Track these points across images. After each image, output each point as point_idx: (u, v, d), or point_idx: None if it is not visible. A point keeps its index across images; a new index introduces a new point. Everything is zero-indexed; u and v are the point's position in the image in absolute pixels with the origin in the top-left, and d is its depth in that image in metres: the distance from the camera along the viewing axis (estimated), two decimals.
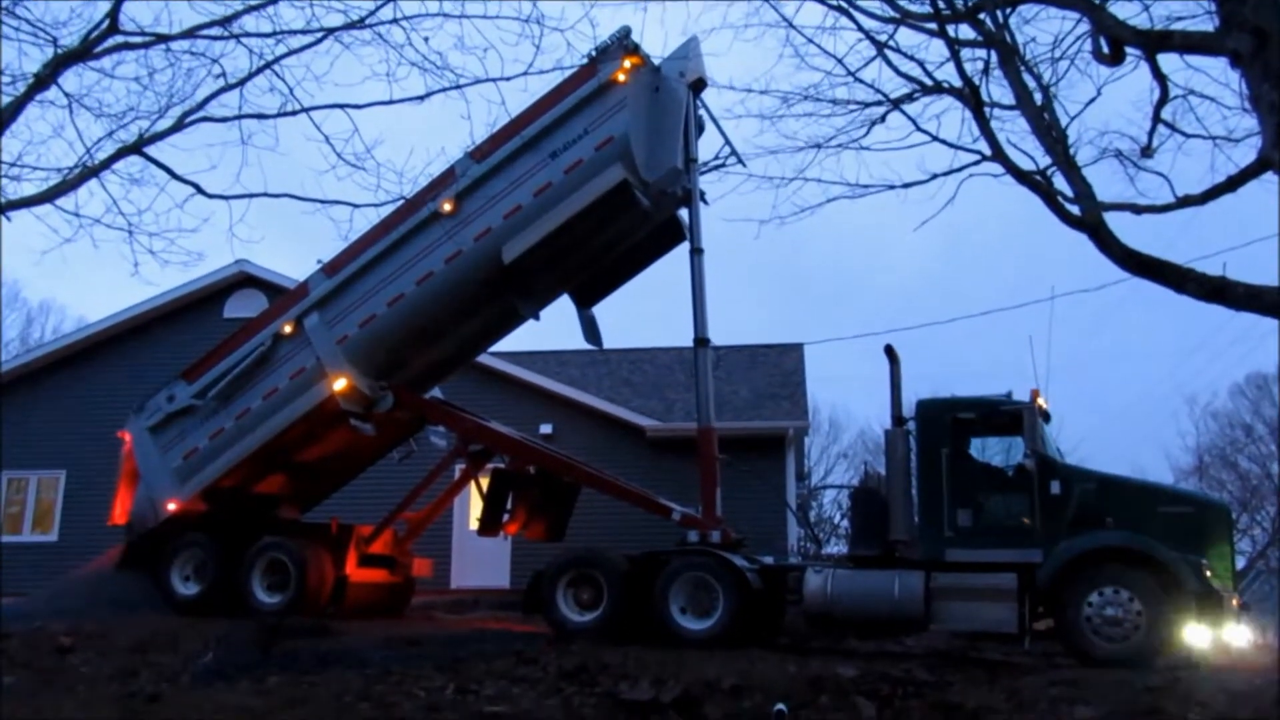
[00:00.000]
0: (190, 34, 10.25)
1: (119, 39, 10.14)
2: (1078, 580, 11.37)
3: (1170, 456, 57.32)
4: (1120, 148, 11.26)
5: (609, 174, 13.35)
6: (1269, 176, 8.91)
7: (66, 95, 10.52)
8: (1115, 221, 9.68)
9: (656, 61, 13.98)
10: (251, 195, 10.65)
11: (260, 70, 10.42)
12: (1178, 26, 10.02)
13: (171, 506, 14.84)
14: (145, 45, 10.39)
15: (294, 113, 10.44)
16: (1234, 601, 11.53)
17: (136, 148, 10.41)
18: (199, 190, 10.61)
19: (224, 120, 10.53)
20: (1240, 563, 34.10)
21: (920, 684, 10.03)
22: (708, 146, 14.86)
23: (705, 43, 14.13)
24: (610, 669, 10.42)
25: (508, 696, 10.01)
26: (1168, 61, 10.34)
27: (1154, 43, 9.53)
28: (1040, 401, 12.47)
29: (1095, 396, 62.68)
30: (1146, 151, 10.96)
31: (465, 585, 20.87)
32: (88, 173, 10.29)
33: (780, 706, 9.24)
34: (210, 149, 10.76)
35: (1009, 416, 12.35)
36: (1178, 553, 11.18)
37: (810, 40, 11.35)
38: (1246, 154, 10.12)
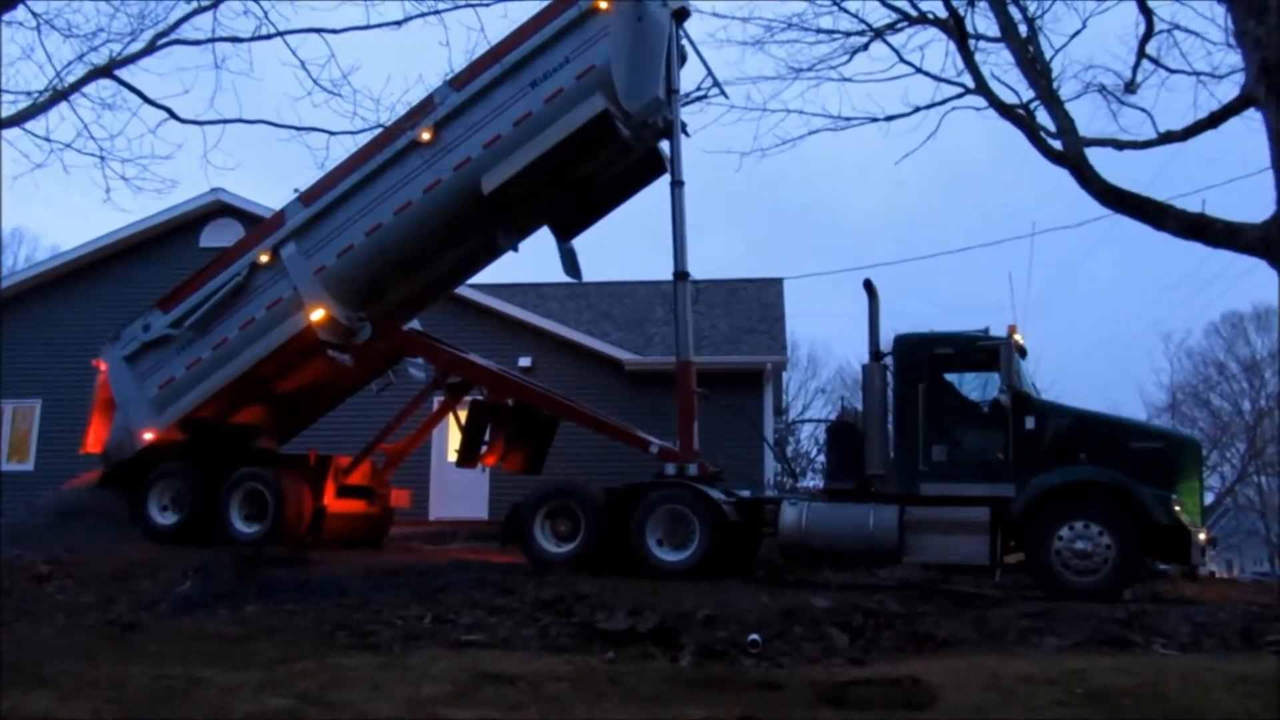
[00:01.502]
0: None
1: None
2: (1049, 514, 11.51)
3: (1144, 393, 58.02)
4: (1104, 83, 11.24)
5: (590, 103, 13.19)
6: (1251, 113, 8.90)
7: (35, 15, 10.29)
8: (1097, 157, 9.69)
9: None
10: (226, 121, 10.48)
11: None
12: None
13: (148, 436, 14.81)
14: None
15: (268, 36, 10.23)
16: (1202, 536, 11.70)
17: (108, 70, 10.21)
18: (172, 115, 10.43)
19: (197, 43, 10.33)
20: (1209, 498, 34.61)
21: (892, 615, 10.18)
22: (689, 77, 14.69)
23: None
24: (587, 599, 10.51)
25: (485, 626, 10.09)
26: None
27: None
28: (1017, 337, 12.52)
29: (1072, 333, 63.13)
30: (1130, 87, 10.94)
31: (443, 516, 20.97)
32: (57, 96, 10.09)
33: (754, 636, 9.36)
34: (183, 73, 10.58)
35: (985, 352, 12.41)
36: (1148, 488, 11.31)
37: None
38: (1230, 90, 10.12)
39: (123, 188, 10.97)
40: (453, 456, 15.72)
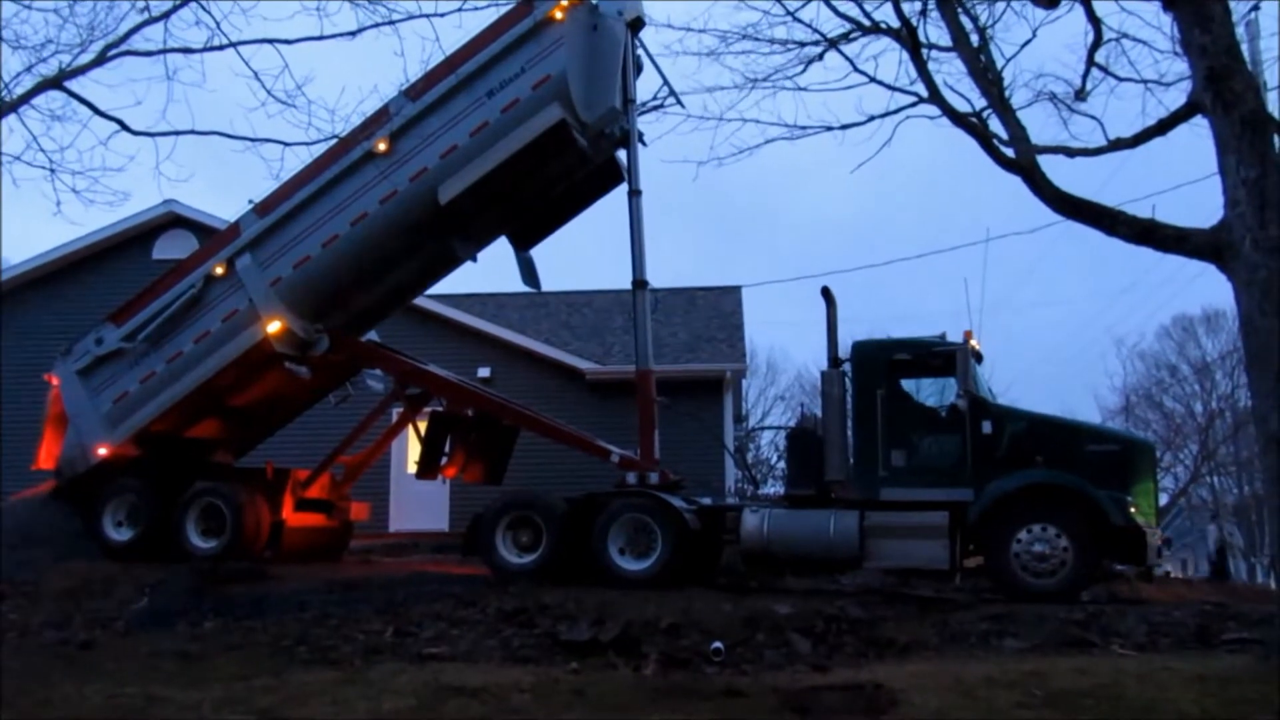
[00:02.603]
0: None
1: None
2: (1007, 518, 11.61)
3: (1098, 396, 58.77)
4: (1055, 91, 11.37)
5: (546, 113, 13.18)
6: (1199, 120, 9.04)
7: None
8: (1049, 164, 9.79)
9: (594, 0, 13.78)
10: (178, 133, 10.42)
11: (185, 2, 10.13)
12: None
13: (102, 451, 14.60)
14: None
15: (221, 47, 10.19)
16: (1157, 537, 11.86)
17: (57, 82, 10.10)
18: (123, 127, 10.33)
19: (148, 54, 10.25)
20: (1163, 499, 35.07)
21: (854, 620, 10.24)
22: (646, 87, 14.73)
23: None
24: (549, 610, 10.49)
25: (447, 639, 10.04)
26: (1102, 4, 10.42)
27: None
28: (973, 343, 12.64)
29: (1027, 338, 63.82)
30: (1080, 94, 11.07)
31: (403, 528, 20.86)
32: (6, 107, 9.97)
33: (717, 644, 9.37)
34: (135, 84, 10.50)
35: (943, 358, 12.51)
36: (1104, 490, 11.44)
37: None
38: (1177, 98, 10.27)
39: (73, 200, 10.88)
40: (412, 468, 15.62)
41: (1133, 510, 11.45)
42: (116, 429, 14.63)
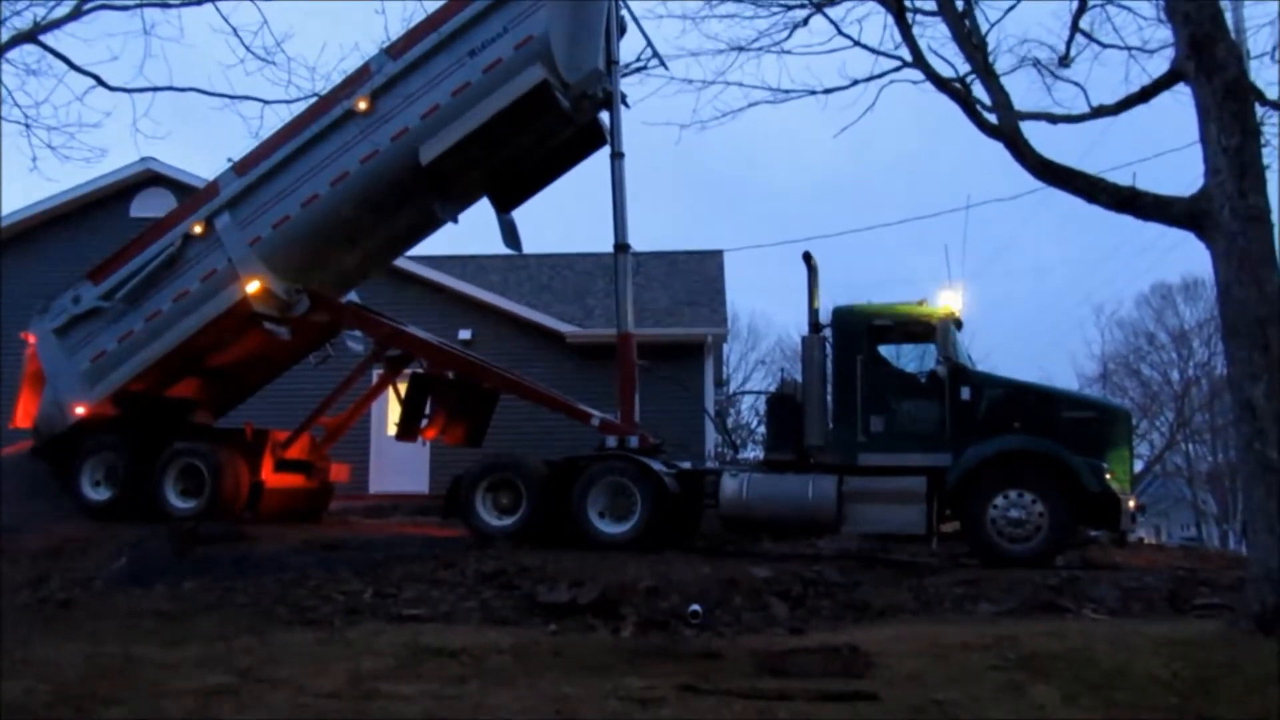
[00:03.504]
0: None
1: None
2: (984, 483, 11.71)
3: (1076, 364, 59.12)
4: (1039, 57, 11.36)
5: (529, 74, 13.07)
6: (1181, 88, 9.05)
7: None
8: (1031, 131, 9.79)
9: None
10: (156, 89, 10.34)
11: None
12: None
13: (80, 410, 14.51)
14: None
15: (199, 2, 10.09)
16: (1132, 503, 11.98)
17: (31, 35, 9.98)
18: (100, 82, 10.23)
19: (125, 8, 10.14)
20: (1138, 465, 35.39)
21: (831, 584, 10.32)
22: (629, 49, 14.64)
23: None
24: (529, 572, 10.53)
25: (426, 600, 10.07)
26: None
27: None
28: (953, 309, 12.68)
29: (1007, 304, 64.05)
30: (1064, 61, 11.06)
31: (383, 490, 20.86)
32: None
33: (695, 607, 9.44)
34: (111, 39, 10.39)
35: (922, 324, 12.56)
36: (1080, 456, 11.54)
37: None
38: (1161, 65, 10.28)
39: (50, 156, 10.79)
40: (392, 430, 15.60)
41: (1108, 477, 11.57)
42: (94, 388, 14.54)
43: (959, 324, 12.98)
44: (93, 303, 14.47)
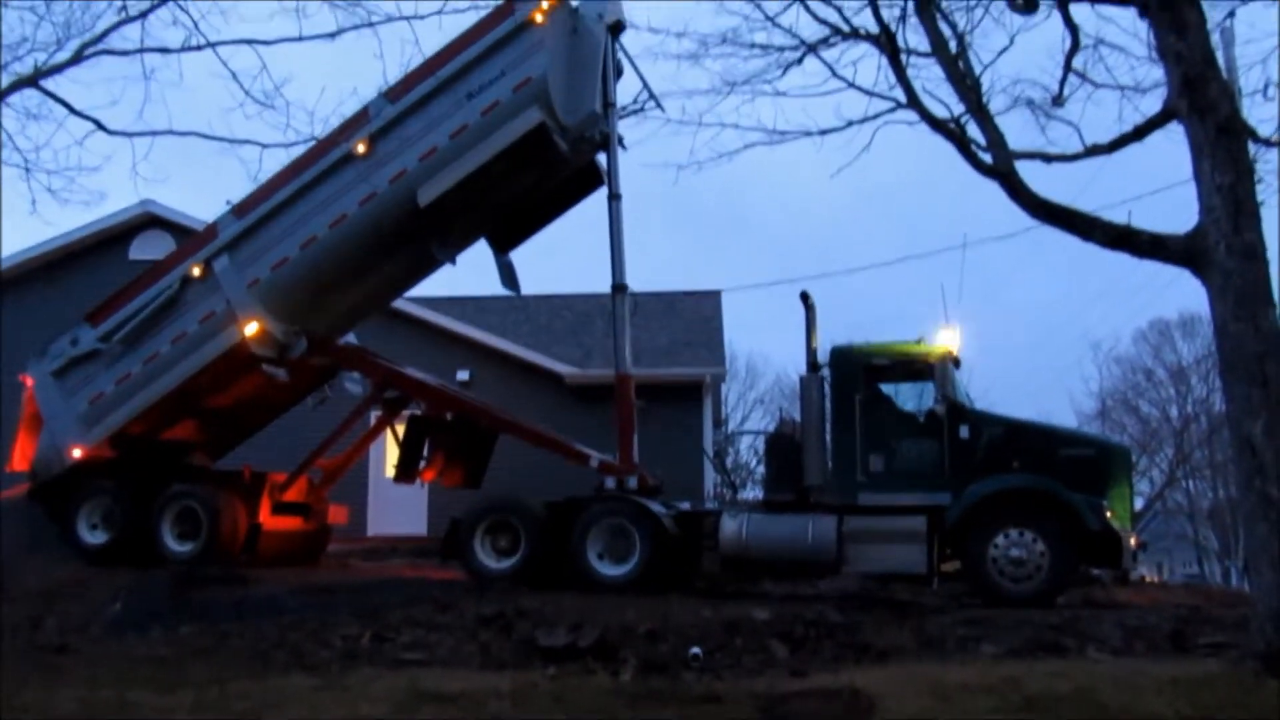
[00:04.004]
0: None
1: None
2: (984, 522, 11.66)
3: (1075, 400, 59.00)
4: (1032, 97, 11.42)
5: (526, 116, 13.16)
6: (1174, 126, 9.10)
7: None
8: (1026, 170, 9.84)
9: (575, 3, 13.78)
10: (155, 133, 10.41)
11: (163, 2, 10.09)
12: None
13: (77, 453, 14.47)
14: None
15: (199, 47, 10.17)
16: (1133, 541, 11.93)
17: (32, 80, 10.06)
18: (100, 126, 10.30)
19: (125, 54, 10.23)
20: (1139, 503, 35.31)
21: (832, 625, 10.25)
22: (626, 90, 14.73)
23: None
24: (528, 615, 10.47)
25: (425, 643, 10.01)
26: (1079, 11, 10.49)
27: None
28: (951, 348, 12.69)
29: (1004, 342, 64.13)
30: (1058, 100, 11.12)
31: (381, 533, 20.75)
32: None
33: (695, 650, 9.38)
34: (111, 84, 10.46)
35: (921, 363, 12.57)
36: (1080, 494, 11.51)
37: None
38: (1153, 104, 10.34)
39: (49, 199, 10.82)
40: (391, 472, 15.55)
41: (1108, 515, 11.53)
42: (92, 430, 14.51)
43: (957, 362, 12.98)
44: (91, 345, 14.48)
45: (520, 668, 9.22)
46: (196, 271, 14.23)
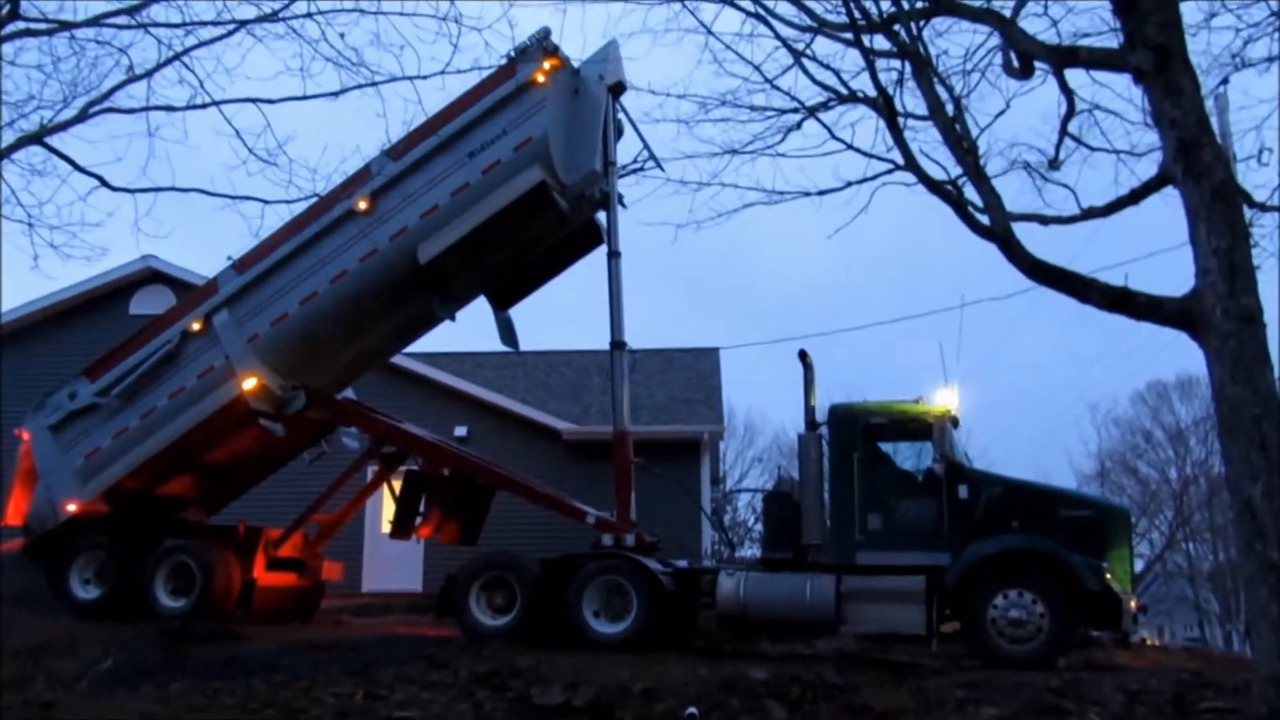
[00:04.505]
0: (96, 22, 10.00)
1: (20, 25, 9.87)
2: (983, 583, 11.60)
3: (1073, 462, 58.94)
4: (1028, 160, 11.53)
5: (527, 175, 13.29)
6: (1169, 190, 9.18)
7: None
8: (1023, 232, 9.90)
9: (576, 64, 13.96)
10: (158, 189, 10.44)
11: (169, 61, 10.19)
12: (1085, 43, 10.29)
13: (71, 508, 14.41)
14: (48, 32, 10.12)
15: (203, 106, 10.25)
16: (1133, 603, 11.85)
17: (38, 137, 10.13)
18: (103, 183, 10.35)
19: (130, 112, 10.30)
20: (1139, 565, 35.11)
21: (830, 686, 10.14)
22: (626, 150, 14.89)
23: (625, 46, 14.17)
24: (523, 673, 10.37)
25: (418, 702, 9.90)
26: (1075, 76, 10.60)
27: (1062, 58, 9.76)
28: (950, 407, 12.69)
29: (1002, 402, 64.13)
30: (1054, 164, 11.22)
31: (376, 589, 20.63)
32: None
33: (692, 710, 9.28)
34: (116, 141, 10.56)
35: (919, 422, 12.57)
36: (1079, 555, 11.46)
37: (728, 47, 11.43)
38: (1148, 168, 10.44)
39: (51, 255, 10.85)
40: (386, 528, 15.49)
41: (1108, 576, 11.48)
42: (87, 485, 14.47)
43: (955, 422, 12.98)
44: (88, 399, 14.47)
45: None
46: (196, 326, 14.28)
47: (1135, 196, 9.89)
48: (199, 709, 9.90)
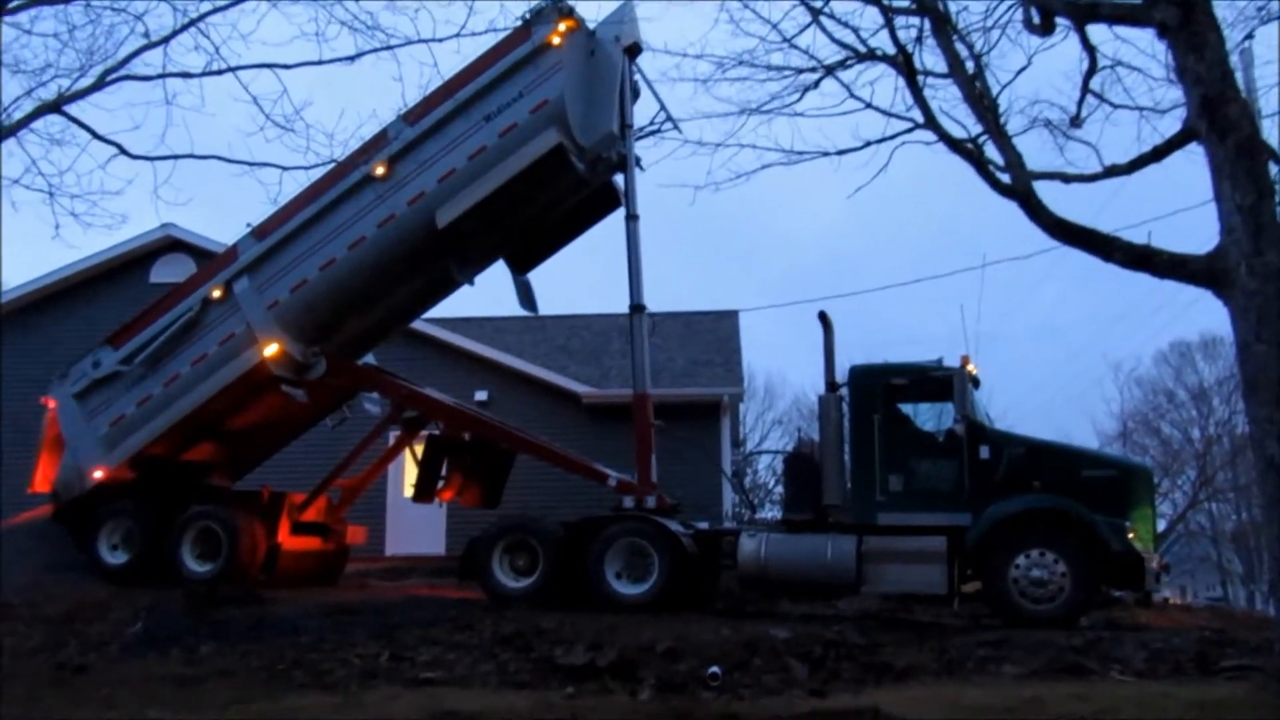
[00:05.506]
0: None
1: None
2: (1005, 543, 11.60)
3: (1096, 422, 58.74)
4: (1050, 117, 11.43)
5: (544, 138, 13.24)
6: (1193, 146, 9.08)
7: None
8: (1044, 190, 9.82)
9: (592, 25, 13.88)
10: (177, 156, 10.46)
11: (185, 28, 10.18)
12: None
13: (98, 474, 14.56)
14: (64, 0, 10.09)
15: (220, 72, 10.24)
16: (1156, 562, 11.84)
17: (56, 106, 10.14)
18: (122, 151, 10.37)
19: (147, 79, 10.30)
20: (1161, 525, 35.02)
21: (852, 646, 10.19)
22: (643, 112, 14.79)
23: (640, 7, 14.08)
24: (546, 634, 10.45)
25: (443, 663, 9.99)
26: (1097, 32, 10.49)
27: (1083, 13, 9.64)
28: (970, 368, 12.65)
29: (1024, 363, 63.88)
30: (1075, 121, 11.12)
31: (399, 552, 20.77)
32: (4, 131, 10.01)
33: (714, 669, 9.33)
34: (133, 109, 10.65)
35: (940, 382, 12.52)
36: (1101, 515, 11.44)
37: (746, 5, 11.37)
38: (1172, 124, 10.34)
39: (72, 223, 10.95)
40: (409, 492, 15.57)
41: (1130, 536, 11.45)
42: (113, 452, 14.61)
43: (976, 382, 12.94)
44: (112, 367, 14.58)
45: (538, 687, 9.20)
46: (217, 294, 14.34)
47: (1158, 153, 9.79)
48: (226, 671, 10.02)
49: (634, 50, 14.26)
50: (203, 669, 10.13)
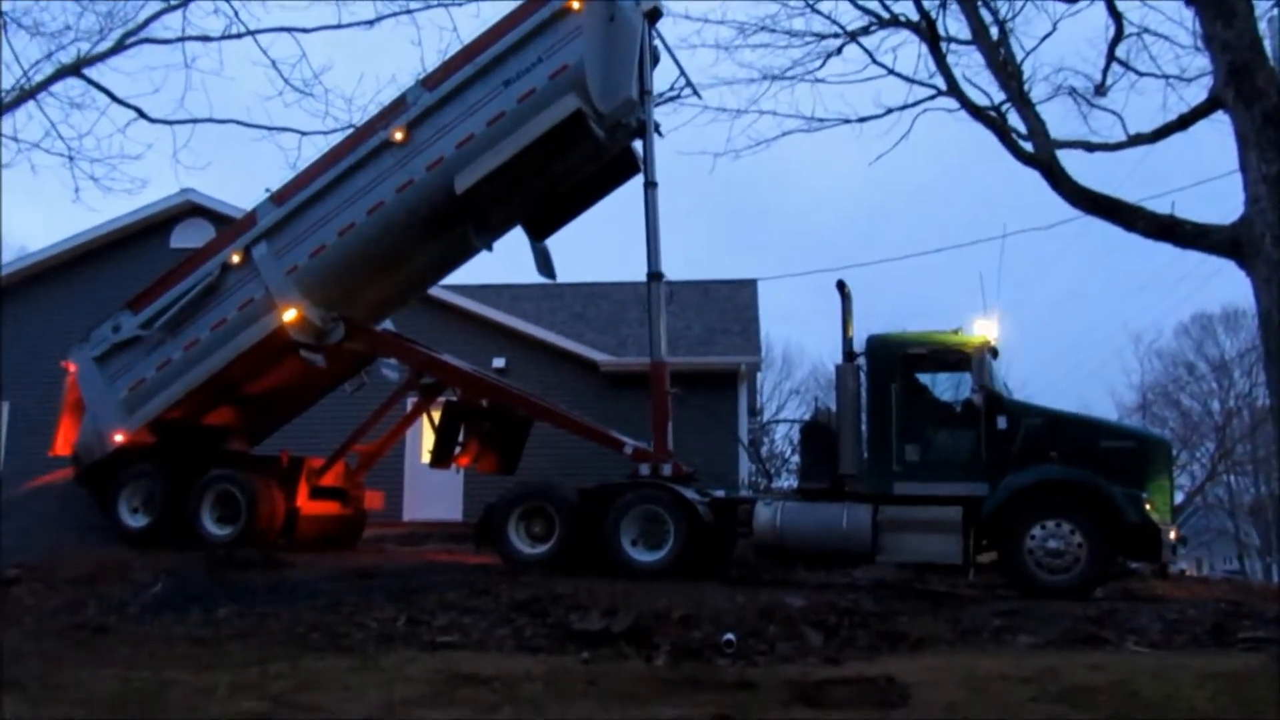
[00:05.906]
0: None
1: None
2: (1021, 513, 11.57)
3: (1115, 393, 58.44)
4: (1074, 85, 11.33)
5: (563, 103, 13.16)
6: (1219, 115, 8.98)
7: (1, 14, 10.22)
8: (1067, 160, 9.74)
9: None
10: (196, 120, 10.51)
11: None
12: None
13: (119, 438, 14.67)
14: None
15: (239, 35, 10.27)
16: (1173, 534, 11.80)
17: (75, 69, 10.18)
18: (141, 115, 10.42)
19: (166, 42, 10.32)
20: (1179, 497, 34.92)
21: (867, 614, 10.21)
22: (663, 78, 14.72)
23: None
24: (561, 600, 10.50)
25: (459, 627, 10.05)
26: None
27: None
28: (989, 338, 12.59)
29: (1044, 334, 63.58)
30: (1100, 89, 11.03)
31: (417, 518, 20.90)
32: (25, 94, 10.05)
33: (729, 636, 9.36)
34: (153, 73, 10.68)
35: (958, 353, 12.47)
36: (1119, 486, 11.39)
37: None
38: (1198, 93, 10.24)
39: (92, 187, 10.99)
40: (426, 458, 15.64)
41: (1148, 507, 11.40)
42: (133, 416, 14.71)
43: (995, 352, 12.87)
44: (132, 331, 14.65)
45: (554, 652, 9.24)
46: (236, 258, 14.36)
47: (1184, 122, 9.70)
48: (245, 633, 10.10)
49: (654, 15, 14.16)
50: (221, 631, 10.22)
